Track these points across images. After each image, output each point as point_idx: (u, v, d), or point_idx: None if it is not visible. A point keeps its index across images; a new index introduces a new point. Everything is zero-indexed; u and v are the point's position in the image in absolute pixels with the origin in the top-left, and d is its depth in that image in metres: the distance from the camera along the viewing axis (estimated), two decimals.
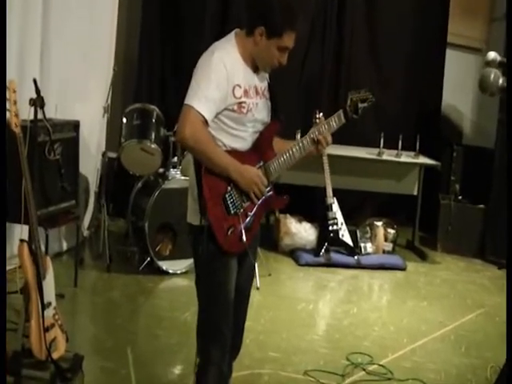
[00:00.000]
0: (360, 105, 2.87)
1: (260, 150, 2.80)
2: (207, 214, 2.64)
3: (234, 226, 2.72)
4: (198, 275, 2.83)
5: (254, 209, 2.79)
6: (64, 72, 5.22)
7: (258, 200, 2.77)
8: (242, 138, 2.75)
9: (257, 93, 2.77)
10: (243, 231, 2.73)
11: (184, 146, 2.67)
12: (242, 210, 2.74)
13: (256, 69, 2.76)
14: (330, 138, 2.86)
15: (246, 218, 2.77)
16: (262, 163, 2.80)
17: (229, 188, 2.70)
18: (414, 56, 7.25)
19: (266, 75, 2.87)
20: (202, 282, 2.81)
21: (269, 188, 2.82)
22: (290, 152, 2.82)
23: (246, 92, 2.71)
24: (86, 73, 5.59)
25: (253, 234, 2.82)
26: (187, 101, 2.61)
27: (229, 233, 2.70)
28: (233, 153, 2.71)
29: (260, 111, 2.78)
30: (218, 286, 2.76)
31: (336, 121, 2.87)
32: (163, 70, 6.80)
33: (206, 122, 2.61)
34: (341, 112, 2.87)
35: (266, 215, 6.28)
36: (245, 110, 2.71)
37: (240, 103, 2.68)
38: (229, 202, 2.70)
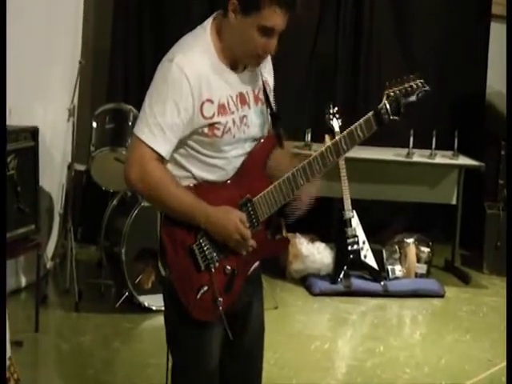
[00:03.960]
0: (404, 100, 2.52)
1: (246, 179, 2.55)
2: (168, 271, 2.48)
3: (207, 284, 2.48)
4: (167, 333, 2.66)
5: (236, 261, 2.55)
6: (19, 67, 5.24)
7: (240, 254, 2.53)
8: (219, 167, 2.51)
9: (243, 102, 2.53)
10: (217, 292, 2.48)
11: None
12: (217, 264, 2.50)
13: (241, 66, 2.52)
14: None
15: (224, 273, 2.52)
16: (247, 198, 2.54)
17: (198, 236, 2.48)
18: (451, 31, 7.22)
19: (265, 68, 2.63)
20: (173, 345, 2.64)
21: (259, 228, 2.56)
22: (293, 175, 2.53)
23: (221, 108, 2.47)
24: (46, 67, 5.61)
25: (235, 295, 2.56)
26: (136, 131, 2.42)
27: (199, 294, 2.47)
28: (205, 188, 2.48)
29: (247, 127, 2.55)
30: (191, 356, 2.58)
31: (364, 129, 2.51)
32: (141, 62, 6.81)
33: (162, 157, 2.42)
34: (370, 116, 2.51)
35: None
36: (219, 133, 2.47)
37: (212, 124, 2.45)
38: (198, 255, 2.47)
